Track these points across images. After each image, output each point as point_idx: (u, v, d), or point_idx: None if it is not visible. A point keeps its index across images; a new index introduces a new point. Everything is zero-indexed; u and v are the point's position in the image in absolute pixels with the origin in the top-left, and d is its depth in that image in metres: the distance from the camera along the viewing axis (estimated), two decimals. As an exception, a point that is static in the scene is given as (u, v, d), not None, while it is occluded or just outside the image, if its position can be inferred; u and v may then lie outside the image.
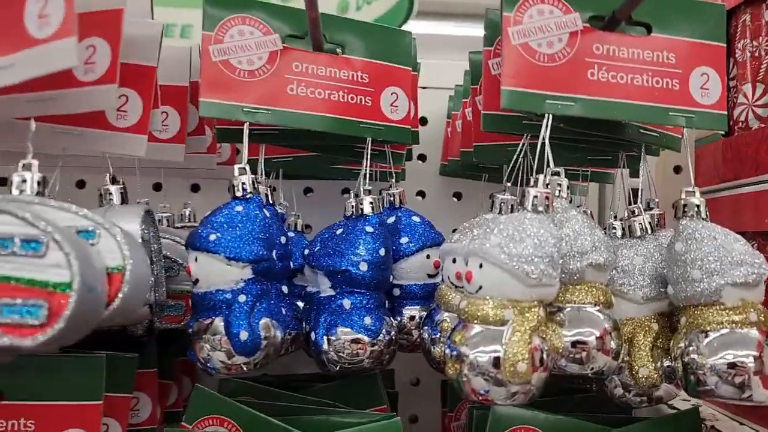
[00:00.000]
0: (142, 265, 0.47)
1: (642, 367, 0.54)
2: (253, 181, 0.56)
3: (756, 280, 0.50)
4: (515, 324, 0.46)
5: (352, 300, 0.58)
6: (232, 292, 0.52)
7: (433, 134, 0.93)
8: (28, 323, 0.37)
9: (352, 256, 0.58)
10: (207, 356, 0.53)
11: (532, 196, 0.50)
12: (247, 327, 0.51)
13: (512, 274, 0.47)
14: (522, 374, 0.45)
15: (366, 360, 0.58)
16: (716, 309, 0.50)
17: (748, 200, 0.71)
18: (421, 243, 0.64)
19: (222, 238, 0.52)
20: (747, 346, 0.49)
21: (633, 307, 0.56)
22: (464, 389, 0.48)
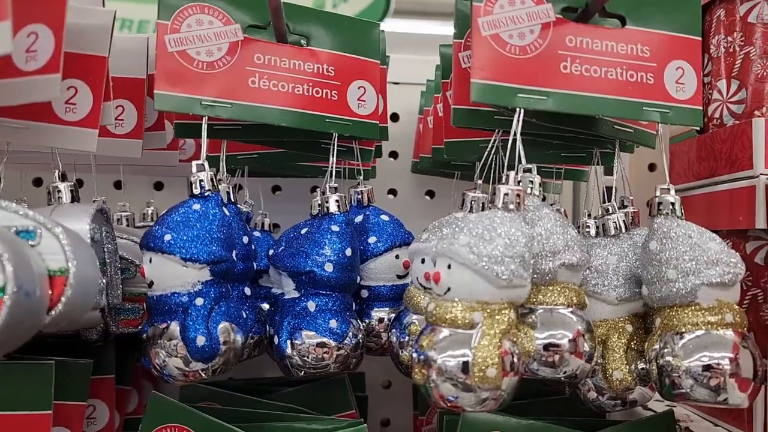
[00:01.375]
0: (90, 266, 0.44)
1: (616, 370, 0.52)
2: (212, 177, 0.54)
3: (732, 280, 0.49)
4: (485, 327, 0.44)
5: (317, 302, 0.56)
6: (189, 295, 0.50)
7: (405, 131, 0.91)
8: (-45, 330, 0.34)
9: (316, 257, 0.56)
10: (162, 363, 0.50)
11: (503, 193, 0.48)
12: (204, 332, 0.49)
13: (482, 275, 0.45)
14: (492, 380, 0.43)
15: (332, 365, 0.55)
16: (692, 310, 0.49)
17: (723, 198, 0.70)
18: (390, 243, 0.62)
19: (177, 238, 0.49)
20: (723, 347, 0.48)
21: (607, 308, 0.54)
22: (432, 395, 0.46)
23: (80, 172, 0.67)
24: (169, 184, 0.88)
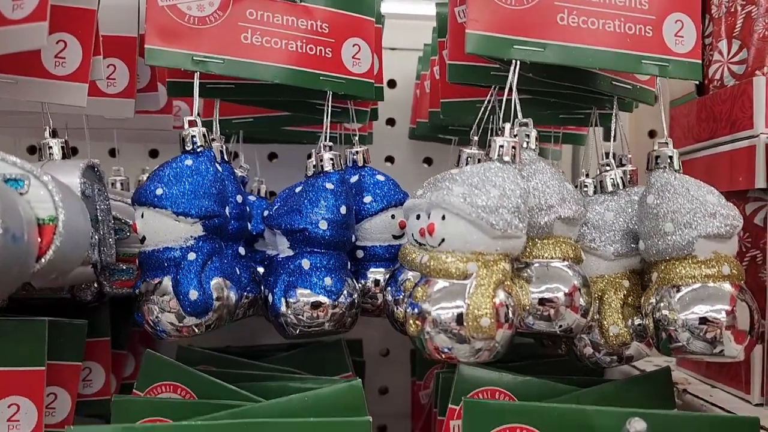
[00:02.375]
0: (80, 218, 0.43)
1: (612, 325, 0.52)
2: (204, 134, 0.53)
3: (729, 232, 0.48)
4: (479, 278, 0.44)
5: (311, 260, 0.55)
6: (181, 250, 0.49)
7: (402, 98, 0.90)
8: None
9: (311, 215, 0.55)
10: (156, 319, 0.50)
11: (499, 145, 0.48)
12: (197, 286, 0.48)
13: (476, 226, 0.44)
14: (485, 330, 0.43)
15: (327, 323, 0.55)
16: (688, 263, 0.48)
17: (723, 159, 0.69)
18: (386, 202, 0.61)
19: (169, 192, 0.48)
20: (720, 300, 0.47)
21: (603, 264, 0.53)
22: (427, 347, 0.46)
23: (74, 139, 0.66)
24: (165, 152, 0.88)
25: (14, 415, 0.51)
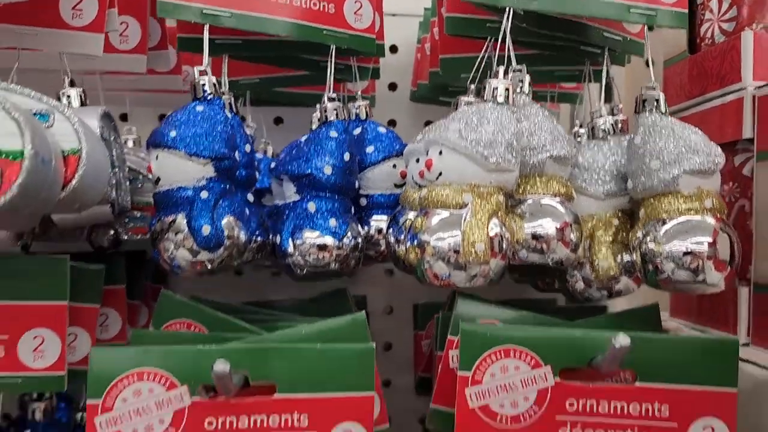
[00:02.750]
0: (100, 153, 0.46)
1: (602, 260, 0.55)
2: (214, 84, 0.56)
3: (711, 168, 0.51)
4: (474, 207, 0.47)
5: (317, 204, 0.58)
6: (194, 189, 0.52)
7: (404, 62, 0.92)
8: (-21, 187, 0.36)
9: (316, 160, 0.58)
10: (171, 255, 0.53)
11: (493, 87, 0.51)
12: (209, 221, 0.51)
13: (471, 159, 0.47)
14: (480, 255, 0.46)
15: (332, 263, 0.58)
16: (673, 197, 0.51)
17: (713, 114, 0.72)
18: (387, 152, 0.64)
19: (182, 134, 0.51)
20: (702, 232, 0.50)
21: (594, 204, 0.56)
22: (427, 275, 0.49)
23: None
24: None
25: (39, 346, 0.54)
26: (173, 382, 0.47)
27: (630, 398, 0.49)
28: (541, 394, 0.49)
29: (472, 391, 0.49)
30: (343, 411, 0.49)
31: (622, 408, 0.49)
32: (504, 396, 0.48)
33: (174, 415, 0.47)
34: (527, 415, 0.49)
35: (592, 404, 0.49)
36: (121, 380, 0.47)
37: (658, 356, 0.49)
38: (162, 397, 0.47)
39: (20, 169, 0.37)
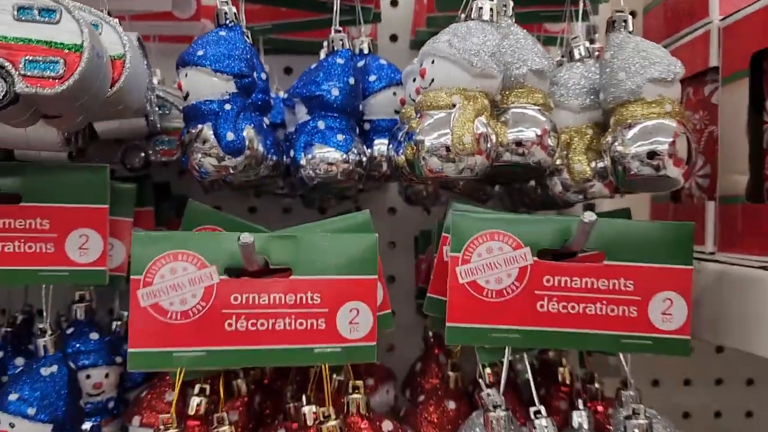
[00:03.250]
0: (140, 63, 0.54)
1: (577, 164, 0.62)
2: (235, 13, 0.63)
3: (671, 77, 0.58)
4: (462, 106, 0.54)
5: (326, 122, 0.65)
6: (219, 102, 0.59)
7: (403, 16, 1.00)
8: (49, 76, 0.44)
9: (324, 83, 0.65)
10: (199, 162, 0.60)
11: (479, 6, 0.58)
12: (232, 129, 0.59)
13: (459, 65, 0.54)
14: (468, 146, 0.53)
15: (339, 174, 0.65)
16: (638, 104, 0.58)
17: (686, 48, 0.79)
18: (388, 80, 0.71)
19: (208, 53, 0.59)
20: (664, 133, 0.57)
21: (571, 116, 0.63)
22: (423, 170, 0.56)
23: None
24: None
25: (84, 244, 0.62)
26: (204, 263, 0.55)
27: (599, 275, 0.56)
28: (522, 272, 0.56)
29: (461, 269, 0.56)
30: (350, 292, 0.57)
31: (592, 283, 0.56)
32: (489, 273, 0.56)
33: (204, 290, 0.55)
34: (509, 289, 0.56)
35: (565, 280, 0.56)
36: (159, 259, 0.54)
37: (624, 238, 0.57)
38: (194, 275, 0.55)
39: (80, 59, 0.44)
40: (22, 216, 0.60)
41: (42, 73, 0.44)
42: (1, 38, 0.44)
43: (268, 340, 0.55)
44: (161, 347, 0.54)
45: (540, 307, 0.56)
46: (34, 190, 0.60)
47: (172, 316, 0.54)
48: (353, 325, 0.57)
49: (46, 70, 0.44)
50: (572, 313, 0.56)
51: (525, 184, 0.70)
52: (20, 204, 0.60)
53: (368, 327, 0.57)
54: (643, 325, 0.56)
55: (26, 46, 0.44)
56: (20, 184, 0.60)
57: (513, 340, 0.56)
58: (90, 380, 0.66)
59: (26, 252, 0.60)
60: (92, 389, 0.66)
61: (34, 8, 0.45)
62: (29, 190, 0.60)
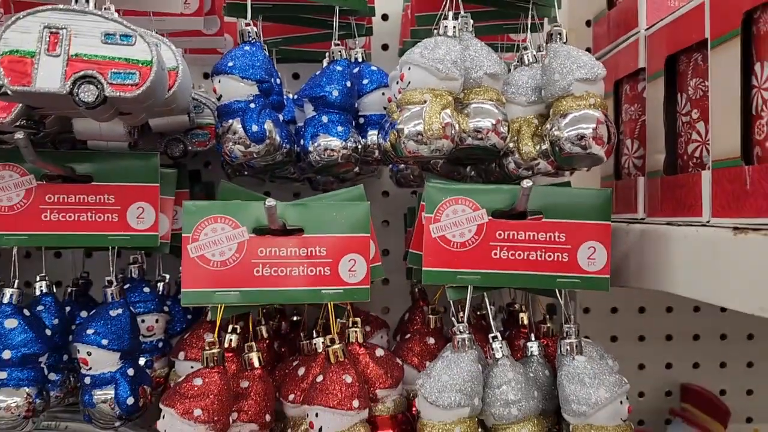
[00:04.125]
0: (187, 72, 0.71)
1: (525, 146, 0.79)
2: (256, 32, 0.80)
3: (594, 77, 0.74)
4: (431, 101, 0.71)
5: (328, 116, 0.83)
6: (245, 102, 0.77)
7: (393, 28, 1.17)
8: (128, 83, 0.61)
9: (327, 86, 0.83)
10: (230, 149, 0.77)
11: (444, 25, 0.75)
12: (256, 122, 0.76)
13: (429, 71, 0.71)
14: (436, 132, 0.70)
15: (339, 158, 0.82)
16: (569, 98, 0.75)
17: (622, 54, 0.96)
18: (378, 83, 0.88)
19: (236, 64, 0.76)
20: (589, 120, 0.74)
21: (520, 109, 0.80)
22: (403, 152, 0.72)
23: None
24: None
25: (141, 215, 0.79)
26: (237, 224, 0.72)
27: (539, 230, 0.73)
28: (479, 228, 0.73)
29: (434, 227, 0.73)
30: (349, 246, 0.74)
31: (534, 236, 0.73)
32: (455, 229, 0.73)
33: (238, 245, 0.72)
34: (470, 242, 0.73)
35: (513, 234, 0.73)
36: (203, 222, 0.72)
37: (558, 201, 0.74)
38: (230, 234, 0.72)
39: (150, 71, 0.62)
40: (94, 192, 0.77)
41: (123, 82, 0.61)
42: (94, 56, 0.61)
43: (286, 283, 0.73)
44: (206, 288, 0.71)
45: (494, 255, 0.73)
46: (103, 172, 0.78)
47: (213, 265, 0.71)
48: (351, 272, 0.74)
49: (126, 79, 0.61)
50: (519, 259, 0.73)
51: (489, 166, 0.87)
52: (92, 183, 0.78)
53: (363, 273, 0.74)
54: (573, 267, 0.73)
55: (112, 62, 0.61)
56: (92, 168, 0.78)
57: (474, 280, 0.73)
58: (144, 324, 0.83)
59: (97, 221, 0.77)
60: (146, 332, 0.84)
61: (117, 35, 0.62)
62: (99, 172, 0.78)
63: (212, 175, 1.11)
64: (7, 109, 0.66)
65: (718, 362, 1.24)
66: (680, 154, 0.81)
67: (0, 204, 0.75)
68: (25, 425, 0.73)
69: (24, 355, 0.73)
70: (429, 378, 0.70)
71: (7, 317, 0.73)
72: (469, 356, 0.71)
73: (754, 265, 0.58)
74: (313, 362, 0.76)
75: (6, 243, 0.75)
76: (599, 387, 0.68)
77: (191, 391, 0.66)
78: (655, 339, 1.23)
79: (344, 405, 0.68)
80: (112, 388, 0.75)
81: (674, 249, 0.71)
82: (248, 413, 0.71)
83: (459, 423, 0.69)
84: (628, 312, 1.23)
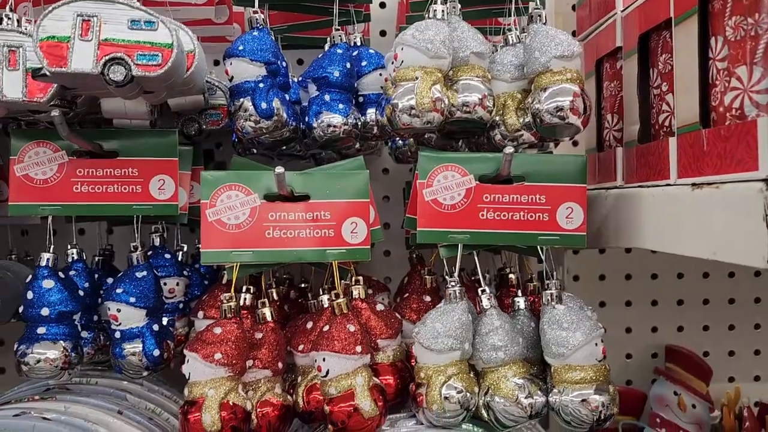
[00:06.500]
0: (203, 57, 0.79)
1: (510, 118, 0.86)
2: (264, 19, 0.88)
3: (570, 54, 0.82)
4: (422, 78, 0.79)
5: (330, 95, 0.90)
6: (254, 82, 0.85)
7: (390, 16, 1.25)
8: (152, 64, 0.69)
9: (328, 67, 0.90)
10: (242, 125, 0.85)
11: (433, 9, 0.82)
12: (266, 100, 0.84)
13: (420, 50, 0.79)
14: (427, 105, 0.78)
15: (341, 133, 0.90)
16: (549, 74, 0.82)
17: (603, 34, 1.03)
18: (375, 64, 0.96)
19: (246, 47, 0.84)
20: (566, 93, 0.81)
21: (504, 85, 0.87)
22: (398, 124, 0.80)
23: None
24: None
25: (162, 186, 0.87)
26: (249, 191, 0.80)
27: (521, 192, 0.81)
28: (468, 192, 0.81)
29: (427, 191, 0.81)
30: (350, 211, 0.82)
31: (517, 198, 0.81)
32: (446, 193, 0.81)
33: (251, 210, 0.80)
34: (459, 204, 0.81)
35: (498, 197, 0.81)
36: (219, 189, 0.80)
37: (539, 167, 0.81)
38: (243, 200, 0.80)
39: (172, 53, 0.70)
40: (119, 166, 0.86)
41: (148, 62, 0.69)
42: (122, 40, 0.69)
43: (295, 244, 0.81)
44: (223, 248, 0.79)
45: (481, 216, 0.81)
46: (127, 148, 0.86)
47: (229, 228, 0.79)
48: (353, 233, 0.82)
49: (151, 60, 0.69)
50: (504, 219, 0.81)
51: (479, 139, 0.95)
52: (117, 158, 0.86)
53: (364, 235, 0.82)
54: (553, 225, 0.81)
55: (138, 45, 0.69)
56: (117, 144, 0.86)
57: (463, 239, 0.81)
58: (166, 287, 0.92)
59: (122, 192, 0.86)
60: (168, 294, 0.92)
61: (141, 21, 0.70)
62: (124, 148, 0.86)
63: (224, 155, 1.19)
64: (43, 90, 0.74)
65: (701, 325, 1.32)
66: (652, 124, 0.88)
67: (36, 177, 0.83)
68: (62, 375, 0.82)
69: (60, 313, 0.81)
70: (424, 326, 0.78)
71: (44, 278, 0.82)
72: (460, 306, 0.79)
73: (708, 215, 0.65)
74: (320, 316, 0.85)
75: (42, 212, 0.84)
76: (576, 331, 0.76)
77: (212, 338, 0.75)
78: (642, 304, 1.31)
79: (348, 350, 0.76)
80: (139, 342, 0.83)
81: (644, 208, 0.79)
82: (263, 360, 0.79)
83: (452, 365, 0.77)
84: (615, 279, 1.31)
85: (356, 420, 0.76)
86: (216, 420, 0.73)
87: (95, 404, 0.86)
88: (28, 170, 0.83)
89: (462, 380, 0.77)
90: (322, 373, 0.77)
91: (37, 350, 0.81)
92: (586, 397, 0.76)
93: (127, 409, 0.87)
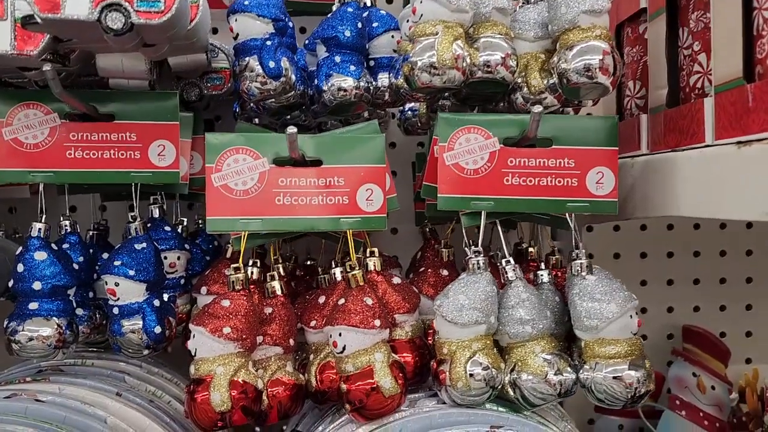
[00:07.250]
0: (207, 10, 0.73)
1: (533, 80, 0.81)
2: (269, -27, 0.83)
3: (599, 9, 0.77)
4: (443, 33, 0.73)
5: (341, 57, 0.85)
6: (261, 40, 0.79)
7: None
8: (154, 10, 0.63)
9: (339, 26, 0.85)
10: (248, 86, 0.80)
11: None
12: (273, 58, 0.78)
13: (440, 3, 0.74)
14: (448, 62, 0.72)
15: (352, 96, 0.84)
16: (576, 30, 0.77)
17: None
18: (387, 26, 0.90)
19: (253, 2, 0.78)
20: (595, 51, 0.76)
21: (527, 45, 0.82)
22: (416, 84, 0.75)
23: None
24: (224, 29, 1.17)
25: (162, 152, 0.81)
26: (258, 155, 0.75)
27: (548, 156, 0.76)
28: (491, 155, 0.76)
29: (448, 155, 0.76)
30: (366, 177, 0.77)
31: (544, 162, 0.76)
32: (468, 157, 0.76)
33: (259, 175, 0.75)
34: (483, 168, 0.76)
35: (524, 161, 0.76)
36: (226, 152, 0.74)
37: (567, 129, 0.77)
38: (251, 164, 0.75)
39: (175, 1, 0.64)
40: (116, 131, 0.80)
41: (149, 9, 0.63)
42: (121, -14, 0.63)
43: (306, 212, 0.75)
44: (230, 215, 0.74)
45: (506, 181, 0.76)
46: (125, 111, 0.80)
47: (236, 194, 0.74)
48: (369, 201, 0.77)
49: (152, 6, 0.63)
50: (530, 185, 0.76)
51: (497, 105, 0.90)
52: (114, 121, 0.80)
53: (380, 203, 0.77)
54: (582, 191, 0.76)
55: (137, -7, 0.63)
56: (114, 107, 0.80)
57: (487, 206, 0.76)
58: (166, 260, 0.86)
59: (119, 158, 0.80)
60: (168, 268, 0.86)
61: (141, -33, 0.64)
62: (121, 111, 0.80)
63: (223, 129, 1.13)
64: (34, 41, 0.68)
65: (718, 305, 1.28)
66: (682, 87, 0.83)
67: (26, 141, 0.77)
68: (56, 354, 0.76)
69: (54, 287, 0.76)
70: (447, 298, 0.73)
71: (36, 250, 0.76)
72: (485, 278, 0.74)
73: (758, 173, 0.61)
74: (333, 290, 0.79)
75: (32, 179, 0.78)
76: (610, 302, 0.72)
77: (220, 311, 0.69)
78: (657, 283, 1.27)
79: (366, 323, 0.71)
80: (139, 318, 0.77)
81: (678, 173, 0.74)
82: (273, 337, 0.74)
83: (476, 340, 0.72)
84: (630, 257, 1.26)
85: (375, 399, 0.70)
86: (226, 399, 0.68)
87: (92, 386, 0.80)
88: (18, 134, 0.77)
89: (488, 356, 0.72)
90: (338, 349, 0.72)
91: (29, 327, 0.75)
92: (621, 373, 0.71)
93: (125, 391, 0.81)
